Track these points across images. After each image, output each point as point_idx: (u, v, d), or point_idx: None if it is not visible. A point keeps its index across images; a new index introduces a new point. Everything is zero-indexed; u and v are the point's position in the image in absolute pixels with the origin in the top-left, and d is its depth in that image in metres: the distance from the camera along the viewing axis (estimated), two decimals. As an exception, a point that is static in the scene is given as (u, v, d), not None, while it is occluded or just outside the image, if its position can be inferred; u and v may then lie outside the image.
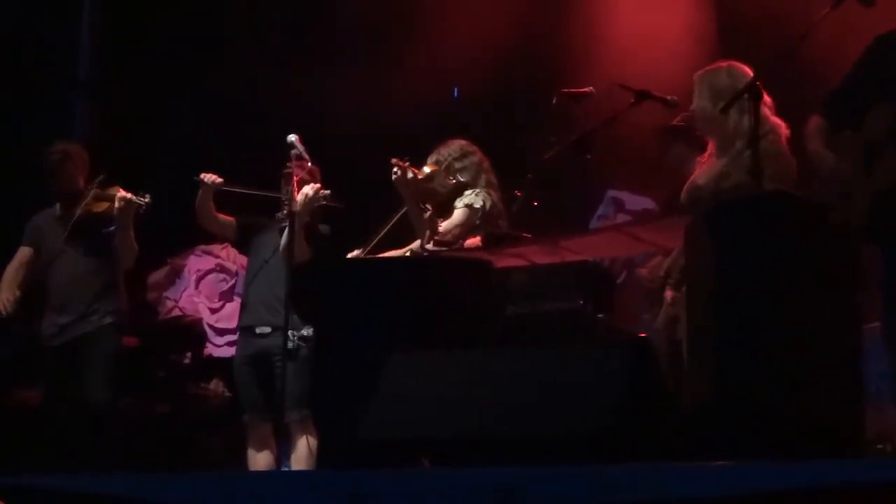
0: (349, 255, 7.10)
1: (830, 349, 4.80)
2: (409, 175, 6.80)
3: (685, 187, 5.99)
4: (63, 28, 9.96)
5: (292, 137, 7.21)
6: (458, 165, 7.03)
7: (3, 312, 7.49)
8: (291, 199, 7.15)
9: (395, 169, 6.78)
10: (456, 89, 9.52)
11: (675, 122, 6.83)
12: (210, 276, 9.92)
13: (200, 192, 7.40)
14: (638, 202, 8.40)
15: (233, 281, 9.85)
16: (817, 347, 4.76)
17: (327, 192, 7.27)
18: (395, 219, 7.00)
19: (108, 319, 7.46)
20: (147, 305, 9.91)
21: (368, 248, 7.00)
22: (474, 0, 9.05)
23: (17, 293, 7.51)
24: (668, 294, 6.41)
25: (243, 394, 7.36)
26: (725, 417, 4.74)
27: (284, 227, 7.20)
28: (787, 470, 3.98)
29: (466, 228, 6.85)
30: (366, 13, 9.33)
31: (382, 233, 7.02)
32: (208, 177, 7.35)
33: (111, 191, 7.44)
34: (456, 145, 7.10)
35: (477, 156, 7.09)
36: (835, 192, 5.14)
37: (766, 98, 5.72)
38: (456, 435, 4.69)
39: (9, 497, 4.79)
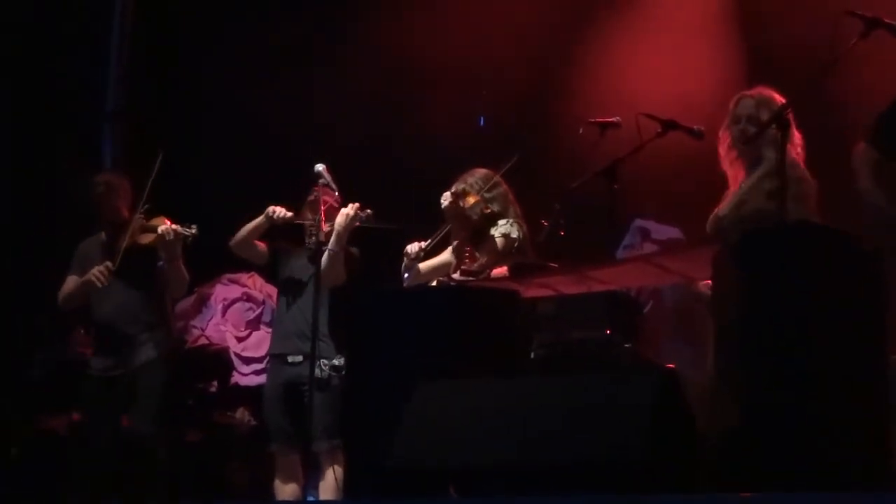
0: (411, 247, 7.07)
1: (857, 380, 4.79)
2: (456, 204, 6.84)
3: (710, 219, 6.01)
4: (92, 61, 10.02)
5: (320, 167, 7.21)
6: (487, 195, 7.04)
7: (103, 278, 7.37)
8: (319, 228, 7.15)
9: (445, 200, 6.80)
10: (482, 118, 9.52)
11: None
12: (236, 305, 9.93)
13: (260, 221, 7.36)
14: (664, 232, 8.37)
15: (259, 310, 9.86)
16: (844, 378, 4.74)
17: (369, 211, 7.23)
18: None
19: (157, 352, 7.44)
20: (174, 334, 9.93)
21: (429, 244, 7.02)
22: (500, 28, 9.07)
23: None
24: None
25: (272, 422, 7.33)
26: (752, 448, 4.73)
27: (312, 255, 7.21)
28: (814, 502, 3.96)
29: (501, 257, 6.85)
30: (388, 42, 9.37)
31: (441, 233, 7.04)
32: (278, 213, 7.32)
33: (155, 221, 7.42)
34: (482, 175, 7.09)
35: (503, 186, 7.09)
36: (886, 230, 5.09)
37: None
38: (483, 463, 4.69)
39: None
